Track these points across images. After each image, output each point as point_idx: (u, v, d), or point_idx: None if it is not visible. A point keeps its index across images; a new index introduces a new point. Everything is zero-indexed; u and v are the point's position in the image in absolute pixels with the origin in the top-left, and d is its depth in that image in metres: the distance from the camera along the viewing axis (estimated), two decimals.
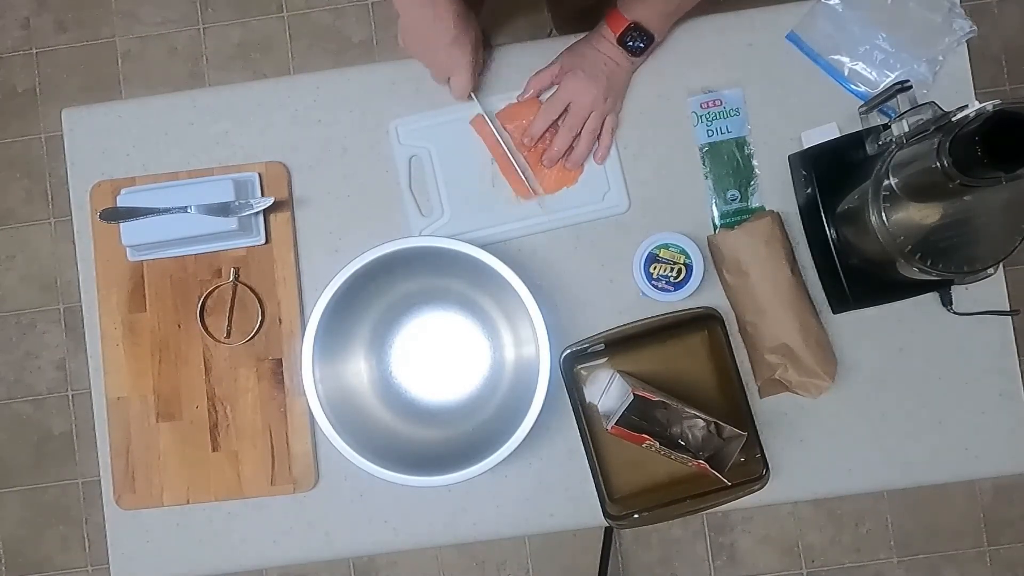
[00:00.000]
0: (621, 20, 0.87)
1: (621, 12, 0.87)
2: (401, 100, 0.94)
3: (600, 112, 0.89)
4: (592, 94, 0.87)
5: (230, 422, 0.91)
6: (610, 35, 0.88)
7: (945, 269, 0.76)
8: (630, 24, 0.86)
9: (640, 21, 0.86)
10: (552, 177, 0.92)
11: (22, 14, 1.84)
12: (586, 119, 0.89)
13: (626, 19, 0.86)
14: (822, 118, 0.91)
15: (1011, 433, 0.91)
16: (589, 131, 0.89)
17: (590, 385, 0.90)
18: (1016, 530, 1.77)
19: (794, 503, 1.73)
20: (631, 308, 0.92)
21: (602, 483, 0.86)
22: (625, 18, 0.86)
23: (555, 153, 0.90)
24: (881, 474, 0.91)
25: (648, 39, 0.87)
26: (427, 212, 0.93)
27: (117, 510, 0.92)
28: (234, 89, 0.96)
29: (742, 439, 0.81)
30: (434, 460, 0.84)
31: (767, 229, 0.87)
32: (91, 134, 0.95)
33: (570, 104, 0.88)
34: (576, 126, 0.89)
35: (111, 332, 0.92)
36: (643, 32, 0.87)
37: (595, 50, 0.88)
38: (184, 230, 0.87)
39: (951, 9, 0.92)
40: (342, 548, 0.92)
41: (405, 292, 0.90)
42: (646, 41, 0.87)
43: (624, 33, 0.86)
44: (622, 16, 0.87)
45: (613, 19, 0.87)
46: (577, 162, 0.91)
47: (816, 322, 0.88)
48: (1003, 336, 0.92)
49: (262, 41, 1.83)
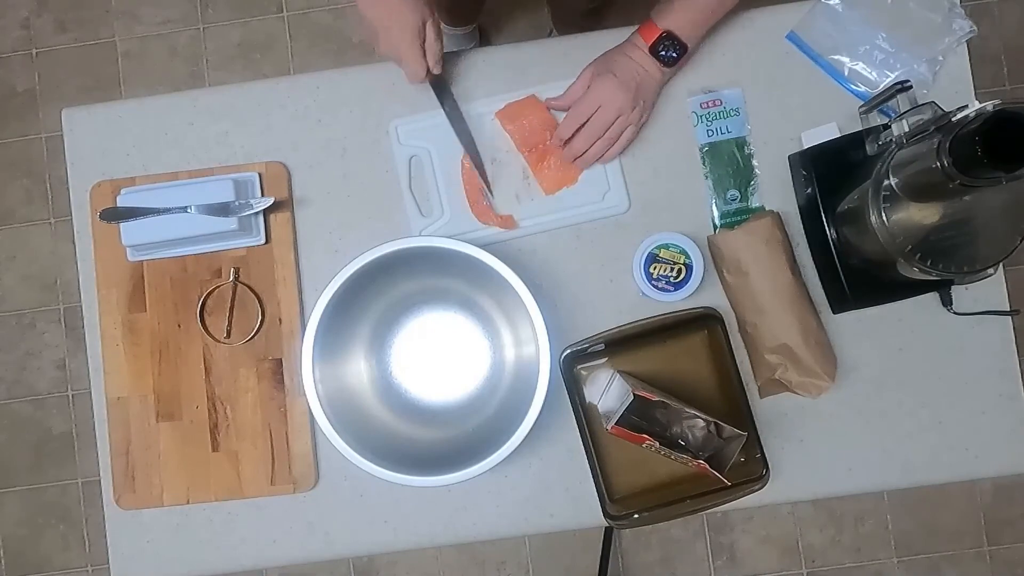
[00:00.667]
0: (654, 29, 0.85)
1: (654, 21, 0.86)
2: (401, 100, 0.94)
3: (625, 119, 0.88)
4: (621, 99, 0.86)
5: (230, 422, 0.91)
6: (642, 44, 0.86)
7: (945, 269, 0.76)
8: (662, 33, 0.85)
9: (673, 30, 0.85)
10: (552, 177, 0.92)
11: (22, 14, 1.84)
12: (611, 124, 0.88)
13: (659, 28, 0.85)
14: (822, 118, 0.91)
15: (1011, 433, 0.91)
16: (608, 138, 0.88)
17: (590, 385, 0.90)
18: (1016, 530, 1.77)
19: (794, 503, 1.73)
20: (631, 308, 0.92)
21: (602, 483, 0.86)
22: (657, 27, 0.85)
23: (572, 152, 0.90)
24: (881, 474, 0.91)
25: (681, 49, 0.86)
26: (427, 212, 0.93)
27: (117, 510, 0.92)
28: (234, 89, 0.96)
29: (742, 439, 0.81)
30: (434, 460, 0.84)
31: (767, 229, 0.87)
32: (91, 134, 0.95)
33: (599, 107, 0.87)
34: (599, 131, 0.88)
35: (111, 332, 0.92)
36: (676, 42, 0.85)
37: (627, 57, 0.87)
38: (184, 230, 0.87)
39: (951, 9, 0.92)
40: (342, 548, 0.92)
41: (405, 292, 0.90)
42: (679, 51, 0.86)
43: (656, 42, 0.85)
44: (655, 25, 0.85)
45: (646, 28, 0.86)
46: (587, 163, 0.91)
47: (816, 322, 0.88)
48: (1003, 336, 0.92)
49: (262, 41, 1.83)
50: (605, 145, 0.89)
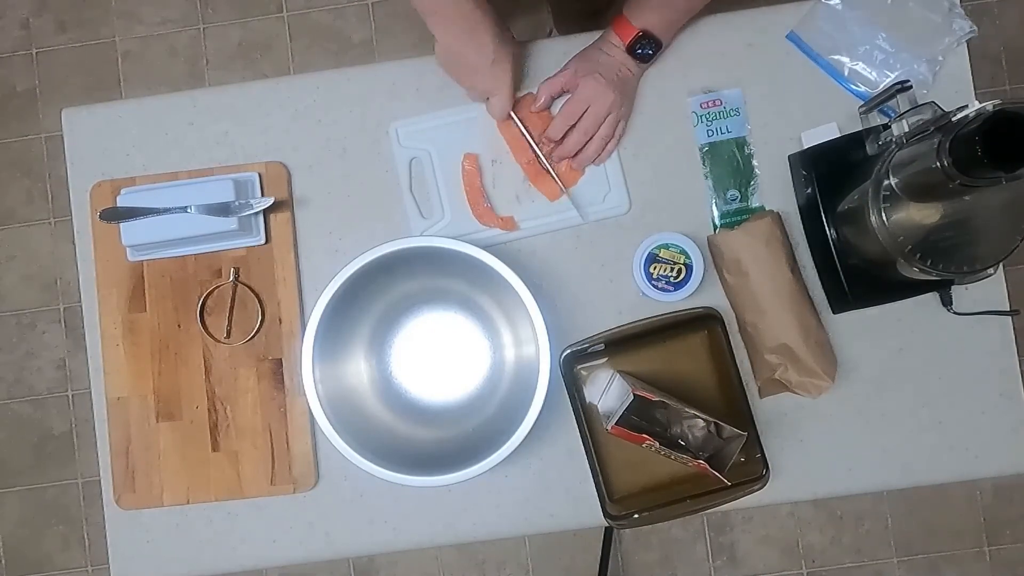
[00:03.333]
0: (629, 28, 0.87)
1: (628, 20, 0.87)
2: (401, 100, 0.94)
3: (616, 116, 0.89)
4: (610, 98, 0.87)
5: (230, 422, 0.91)
6: (619, 42, 0.87)
7: (945, 269, 0.76)
8: (639, 32, 0.86)
9: (648, 28, 0.86)
10: (552, 180, 0.92)
11: (22, 14, 1.84)
12: (602, 122, 0.89)
13: (634, 27, 0.86)
14: (822, 118, 0.91)
15: (1011, 433, 0.91)
16: (602, 136, 0.89)
17: (590, 385, 0.90)
18: (1016, 530, 1.77)
19: (794, 503, 1.73)
20: (631, 308, 0.92)
21: (602, 483, 0.86)
22: (633, 26, 0.86)
23: (565, 151, 0.90)
24: (881, 474, 0.91)
25: (656, 46, 0.87)
26: (428, 214, 0.93)
27: (117, 510, 0.92)
28: (234, 89, 0.96)
29: (742, 439, 0.81)
30: (434, 460, 0.84)
31: (767, 229, 0.87)
32: (91, 134, 0.95)
33: (589, 107, 0.88)
34: (591, 129, 0.89)
35: (111, 332, 0.92)
36: (651, 39, 0.87)
37: (607, 56, 0.88)
38: (184, 230, 0.87)
39: (951, 9, 0.92)
40: (342, 548, 0.92)
41: (405, 292, 0.90)
42: (655, 48, 0.87)
43: (633, 41, 0.87)
44: (630, 24, 0.87)
45: (620, 27, 0.87)
46: (583, 163, 0.91)
47: (816, 322, 0.88)
48: (1003, 336, 0.92)
49: (262, 41, 1.83)
50: (601, 144, 0.90)
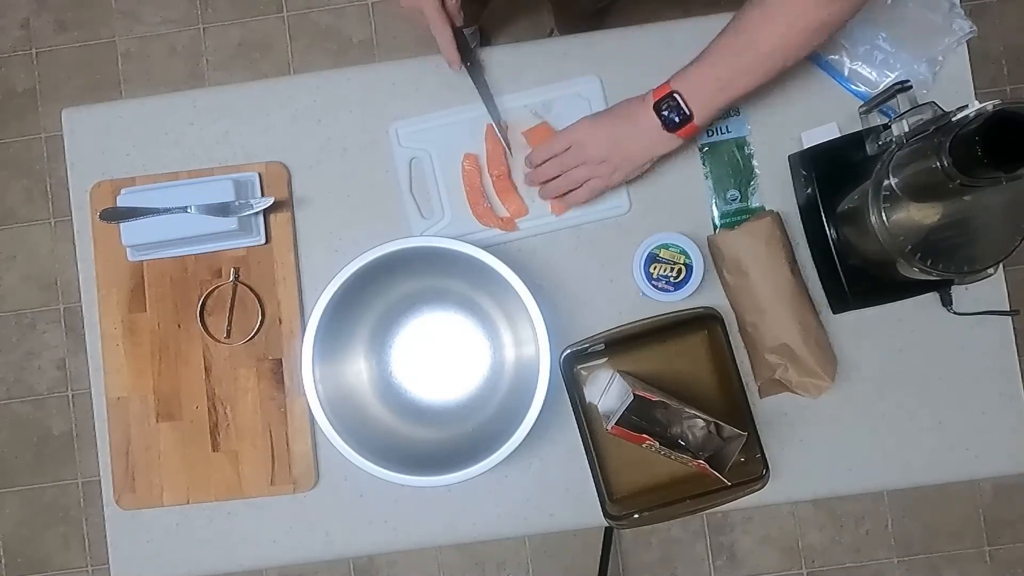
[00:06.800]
0: (665, 87, 0.80)
1: (670, 79, 0.80)
2: (401, 100, 0.94)
3: (589, 170, 0.84)
4: (592, 150, 0.83)
5: (230, 422, 0.91)
6: (650, 99, 0.81)
7: (945, 269, 0.76)
8: (670, 92, 0.79)
9: (681, 92, 0.79)
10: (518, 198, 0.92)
11: (22, 14, 1.84)
12: (576, 167, 0.84)
13: (669, 87, 0.79)
14: (822, 118, 0.91)
15: (1011, 433, 0.91)
16: (571, 179, 0.85)
17: (590, 385, 0.90)
18: (1016, 530, 1.77)
19: (794, 503, 1.73)
20: (631, 308, 0.92)
21: (602, 483, 0.86)
22: (669, 85, 0.80)
23: (532, 180, 0.89)
24: (881, 474, 0.91)
25: (683, 116, 0.79)
26: (428, 214, 0.93)
27: (117, 510, 0.92)
28: (234, 89, 0.96)
29: (742, 439, 0.81)
30: (434, 460, 0.84)
31: (767, 229, 0.87)
32: (91, 134, 0.95)
33: (570, 147, 0.84)
34: (565, 168, 0.85)
35: (111, 332, 0.92)
36: (680, 105, 0.79)
37: (629, 111, 0.82)
38: (184, 230, 0.87)
39: (951, 9, 0.92)
40: (342, 548, 0.92)
41: (405, 292, 0.90)
42: (681, 117, 0.79)
43: (661, 100, 0.79)
44: (668, 84, 0.80)
45: (662, 85, 0.80)
46: (546, 197, 0.89)
47: (816, 322, 0.88)
48: (1003, 336, 0.92)
49: (262, 41, 1.83)
50: (567, 184, 0.86)
